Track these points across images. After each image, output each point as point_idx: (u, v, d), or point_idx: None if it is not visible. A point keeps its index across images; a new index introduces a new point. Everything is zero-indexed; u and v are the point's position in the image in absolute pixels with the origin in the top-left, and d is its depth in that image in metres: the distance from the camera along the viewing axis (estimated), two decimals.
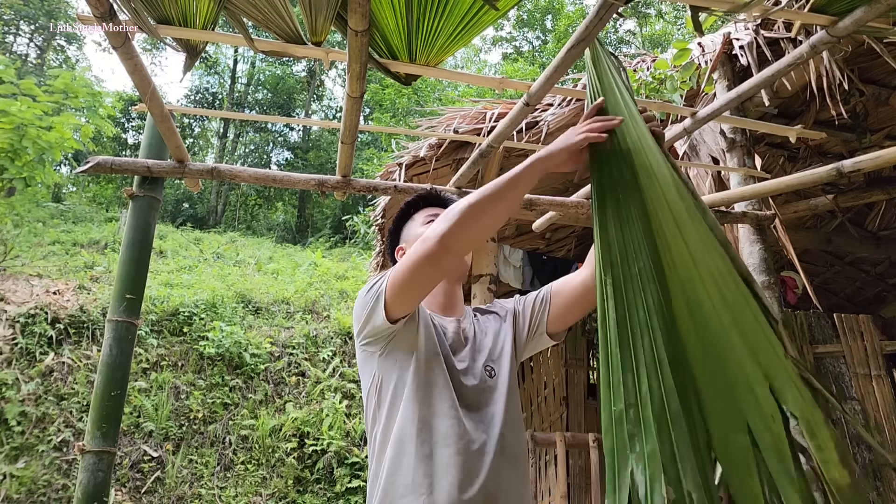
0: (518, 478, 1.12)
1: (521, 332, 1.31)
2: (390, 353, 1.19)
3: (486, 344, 1.25)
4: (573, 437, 3.75)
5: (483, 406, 1.15)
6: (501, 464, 1.09)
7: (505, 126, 1.55)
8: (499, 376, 1.21)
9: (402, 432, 1.10)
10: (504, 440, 1.12)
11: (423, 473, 1.05)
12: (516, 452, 1.15)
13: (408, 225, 1.42)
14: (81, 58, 19.68)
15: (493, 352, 1.24)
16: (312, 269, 10.81)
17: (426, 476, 1.04)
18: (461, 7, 1.13)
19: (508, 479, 1.10)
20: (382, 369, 1.19)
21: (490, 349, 1.24)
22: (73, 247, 9.28)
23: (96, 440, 1.56)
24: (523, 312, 1.33)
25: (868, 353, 2.72)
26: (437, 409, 1.11)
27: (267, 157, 21.87)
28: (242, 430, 6.03)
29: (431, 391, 1.13)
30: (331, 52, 1.20)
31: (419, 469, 1.05)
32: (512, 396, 1.19)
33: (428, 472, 1.04)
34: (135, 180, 1.77)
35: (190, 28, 1.15)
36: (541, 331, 1.30)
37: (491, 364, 1.22)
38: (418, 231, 1.35)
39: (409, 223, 1.42)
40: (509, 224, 4.10)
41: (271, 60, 20.69)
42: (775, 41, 2.44)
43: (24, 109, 5.11)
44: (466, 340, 1.25)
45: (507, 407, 1.16)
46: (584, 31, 1.11)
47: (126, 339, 1.64)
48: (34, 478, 4.82)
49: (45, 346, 5.73)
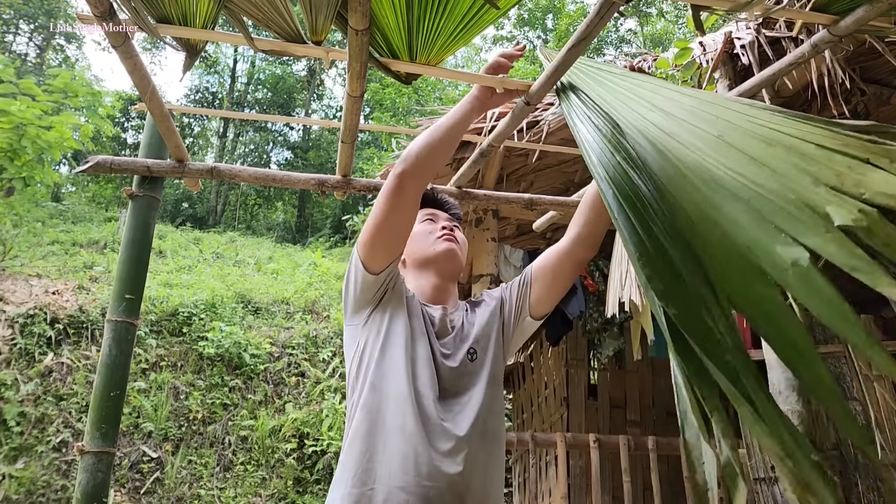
0: (493, 461, 1.15)
1: (507, 319, 1.34)
2: (374, 320, 1.22)
3: (473, 332, 1.28)
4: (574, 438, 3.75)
5: (462, 389, 1.18)
6: (479, 445, 1.12)
7: (505, 125, 1.55)
8: (480, 361, 1.24)
9: (379, 401, 1.13)
10: (482, 424, 1.15)
11: (397, 442, 1.07)
12: (495, 437, 1.17)
13: None
14: (81, 57, 19.69)
15: (478, 338, 1.27)
16: (312, 269, 10.81)
17: (399, 445, 1.06)
18: (462, 6, 1.13)
19: (484, 462, 1.12)
20: (367, 335, 1.22)
21: (475, 336, 1.27)
22: (72, 247, 9.28)
23: (95, 441, 1.55)
24: (509, 299, 1.36)
25: None
26: (416, 385, 1.14)
27: (267, 156, 21.87)
28: (242, 431, 6.03)
29: (413, 366, 1.16)
30: (331, 52, 1.20)
31: (392, 438, 1.08)
32: (494, 382, 1.22)
33: (402, 442, 1.07)
34: (134, 180, 1.76)
35: (190, 27, 1.14)
36: (524, 314, 1.33)
37: (474, 348, 1.25)
38: (415, 228, 1.37)
39: None
40: (510, 224, 4.09)
41: (271, 60, 20.69)
42: (777, 40, 2.44)
43: (24, 109, 5.10)
44: (452, 328, 1.28)
45: (487, 391, 1.19)
46: (585, 29, 1.10)
47: (125, 340, 1.64)
48: (33, 478, 4.82)
49: (45, 347, 5.73)
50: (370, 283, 1.22)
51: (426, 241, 1.36)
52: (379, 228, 1.19)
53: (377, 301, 1.24)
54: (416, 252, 1.37)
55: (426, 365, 1.17)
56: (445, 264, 1.35)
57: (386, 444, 1.08)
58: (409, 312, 1.23)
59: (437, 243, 1.35)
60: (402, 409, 1.10)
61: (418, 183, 1.20)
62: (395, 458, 1.05)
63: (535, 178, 3.63)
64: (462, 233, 1.44)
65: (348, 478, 1.07)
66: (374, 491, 1.04)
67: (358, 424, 1.12)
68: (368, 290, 1.23)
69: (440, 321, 1.27)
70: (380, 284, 1.23)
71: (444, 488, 1.04)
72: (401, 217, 1.20)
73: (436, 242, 1.35)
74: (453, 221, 1.43)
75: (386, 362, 1.17)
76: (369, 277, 1.21)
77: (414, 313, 1.24)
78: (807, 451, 0.51)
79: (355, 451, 1.10)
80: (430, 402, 1.12)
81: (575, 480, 4.39)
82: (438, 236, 1.35)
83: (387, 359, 1.17)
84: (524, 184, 3.63)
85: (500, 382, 1.26)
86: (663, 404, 5.33)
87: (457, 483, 1.06)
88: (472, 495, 1.08)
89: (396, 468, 1.04)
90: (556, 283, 1.33)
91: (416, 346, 1.19)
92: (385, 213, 1.18)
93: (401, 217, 1.20)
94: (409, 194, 1.18)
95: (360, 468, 1.07)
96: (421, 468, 1.04)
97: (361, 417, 1.12)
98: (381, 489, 1.03)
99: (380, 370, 1.16)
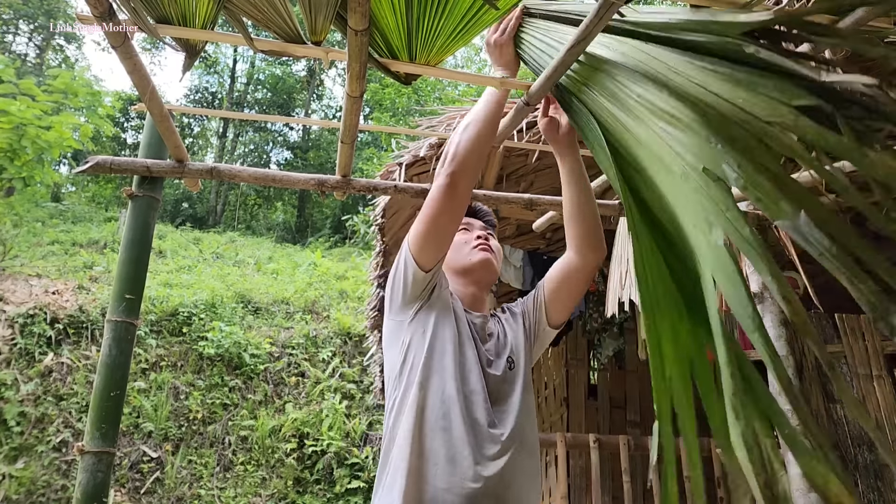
0: (532, 468, 1.17)
1: (529, 331, 1.37)
2: (420, 318, 1.24)
3: (510, 341, 1.32)
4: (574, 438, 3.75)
5: (505, 396, 1.21)
6: (519, 453, 1.14)
7: (505, 126, 1.55)
8: (517, 369, 1.27)
9: (427, 401, 1.14)
10: (522, 431, 1.17)
11: (441, 443, 1.08)
12: (532, 444, 1.20)
13: None
14: (80, 57, 19.68)
15: (514, 348, 1.31)
16: (312, 269, 10.81)
17: (443, 446, 1.08)
18: (461, 6, 1.13)
19: (524, 468, 1.14)
20: (412, 332, 1.23)
21: (512, 345, 1.31)
22: (72, 247, 9.28)
23: (95, 441, 1.55)
24: (528, 312, 1.40)
25: (869, 353, 2.73)
26: (465, 388, 1.16)
27: (266, 156, 21.87)
28: (242, 431, 6.03)
29: (462, 370, 1.18)
30: (330, 52, 1.20)
31: (439, 438, 1.09)
32: (527, 390, 1.26)
33: (449, 444, 1.08)
34: (134, 180, 1.76)
35: (189, 27, 1.15)
36: (542, 325, 1.37)
37: (512, 357, 1.29)
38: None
39: None
40: (510, 224, 4.09)
41: (271, 60, 20.70)
42: None
43: (24, 109, 5.10)
44: (491, 336, 1.31)
45: (524, 399, 1.22)
46: (584, 30, 1.10)
47: (125, 340, 1.64)
48: (33, 478, 4.82)
49: (45, 347, 5.73)
50: (421, 279, 1.23)
51: (463, 251, 1.38)
52: (433, 225, 1.20)
53: (426, 298, 1.26)
54: (454, 261, 1.39)
55: (474, 369, 1.20)
56: (482, 273, 1.38)
57: (433, 445, 1.09)
58: (455, 315, 1.26)
59: (473, 253, 1.37)
60: (451, 411, 1.12)
61: (469, 180, 1.22)
62: (442, 460, 1.07)
63: (534, 178, 3.63)
64: (496, 240, 1.47)
65: (400, 477, 1.07)
66: (423, 492, 1.05)
67: (405, 423, 1.13)
68: (419, 286, 1.24)
69: (481, 328, 1.30)
70: (428, 281, 1.24)
71: (486, 491, 1.06)
72: (453, 216, 1.22)
73: (472, 252, 1.37)
74: (488, 229, 1.46)
75: (435, 362, 1.18)
76: (420, 273, 1.22)
77: (459, 317, 1.27)
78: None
79: (405, 450, 1.10)
80: (478, 406, 1.15)
81: (575, 480, 4.40)
82: (474, 246, 1.38)
83: (436, 358, 1.18)
84: (524, 184, 3.64)
85: (532, 391, 1.29)
86: None
87: (497, 486, 1.07)
88: (512, 499, 1.09)
89: (443, 469, 1.06)
90: (570, 293, 1.36)
91: (464, 349, 1.22)
92: (439, 212, 1.19)
93: (453, 216, 1.22)
94: (460, 192, 1.20)
95: (413, 467, 1.08)
96: (466, 471, 1.06)
97: (409, 416, 1.13)
98: (429, 490, 1.05)
99: (427, 370, 1.17)
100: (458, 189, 1.19)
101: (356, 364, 7.28)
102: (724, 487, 4.00)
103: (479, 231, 1.42)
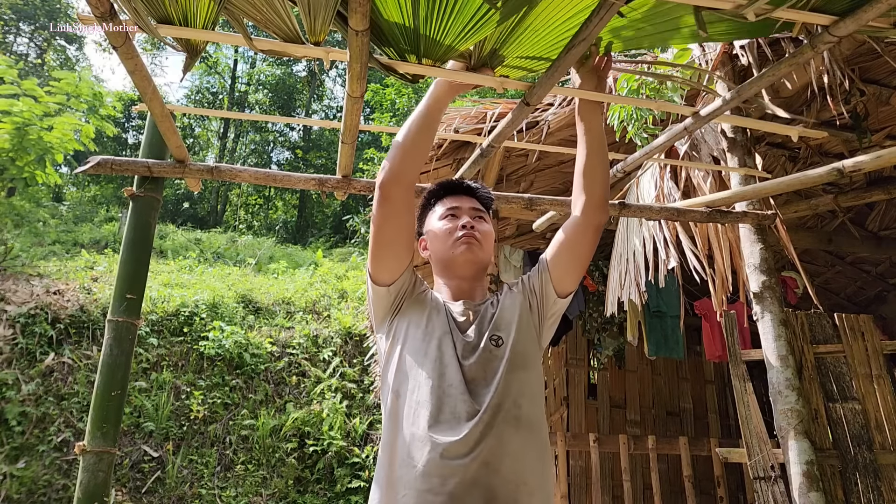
0: (530, 448, 1.10)
1: (534, 304, 1.31)
2: (395, 329, 1.24)
3: (495, 318, 1.26)
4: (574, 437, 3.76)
5: (490, 375, 1.15)
6: (509, 431, 1.09)
7: (505, 126, 1.55)
8: (507, 345, 1.20)
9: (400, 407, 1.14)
10: (515, 408, 1.12)
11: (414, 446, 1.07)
12: (531, 423, 1.13)
13: (428, 216, 1.42)
14: (81, 58, 19.67)
15: (499, 324, 1.24)
16: (313, 269, 10.81)
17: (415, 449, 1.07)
18: (470, 8, 1.13)
19: (517, 448, 1.08)
20: (389, 344, 1.24)
21: (497, 321, 1.25)
22: (73, 247, 9.29)
23: (96, 440, 1.56)
24: (532, 288, 1.34)
25: (869, 352, 2.72)
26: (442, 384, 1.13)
27: (267, 156, 21.86)
28: (243, 431, 6.03)
29: (440, 365, 1.15)
30: (331, 52, 1.20)
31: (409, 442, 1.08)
32: (522, 366, 1.19)
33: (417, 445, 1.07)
34: (135, 180, 1.77)
35: (190, 28, 1.15)
36: (551, 298, 1.31)
37: (497, 334, 1.22)
38: (435, 224, 1.36)
39: (430, 214, 1.41)
40: (509, 224, 4.09)
41: (272, 60, 20.69)
42: (776, 41, 2.44)
43: (26, 110, 5.11)
44: (473, 319, 1.26)
45: (516, 375, 1.16)
46: (584, 30, 1.10)
47: (126, 339, 1.64)
48: (34, 478, 4.83)
49: (46, 347, 5.73)
50: (383, 295, 1.23)
51: (446, 243, 1.32)
52: (377, 241, 1.20)
53: (395, 311, 1.25)
54: (437, 253, 1.35)
55: (451, 363, 1.15)
56: (464, 267, 1.32)
57: (407, 449, 1.07)
58: (429, 314, 1.23)
59: (455, 246, 1.30)
60: (420, 413, 1.10)
61: (401, 187, 1.19)
62: (417, 462, 1.05)
63: (534, 178, 3.63)
64: (488, 222, 1.39)
65: (379, 488, 1.09)
66: (406, 497, 1.03)
67: (384, 433, 1.15)
68: (382, 302, 1.24)
69: (462, 314, 1.26)
70: (393, 296, 1.23)
71: (466, 480, 1.02)
72: (395, 225, 1.20)
73: (454, 245, 1.30)
74: (478, 212, 1.38)
75: (408, 368, 1.17)
76: (381, 290, 1.22)
77: (439, 312, 1.24)
78: None
79: (384, 459, 1.11)
80: (456, 399, 1.11)
81: (575, 480, 4.40)
82: (457, 237, 1.31)
83: (408, 364, 1.17)
84: (524, 184, 3.64)
85: (532, 367, 1.21)
86: (663, 404, 5.33)
87: (481, 474, 1.03)
88: (503, 482, 1.04)
89: (419, 472, 1.04)
90: (575, 258, 1.30)
91: (441, 346, 1.18)
92: (379, 225, 1.20)
93: (395, 225, 1.20)
94: (394, 201, 1.19)
95: (391, 476, 1.07)
96: (441, 468, 1.03)
97: (385, 425, 1.15)
98: (412, 494, 1.03)
99: (401, 376, 1.17)
100: (389, 197, 1.18)
101: (357, 364, 7.29)
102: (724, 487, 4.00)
103: (466, 217, 1.34)
